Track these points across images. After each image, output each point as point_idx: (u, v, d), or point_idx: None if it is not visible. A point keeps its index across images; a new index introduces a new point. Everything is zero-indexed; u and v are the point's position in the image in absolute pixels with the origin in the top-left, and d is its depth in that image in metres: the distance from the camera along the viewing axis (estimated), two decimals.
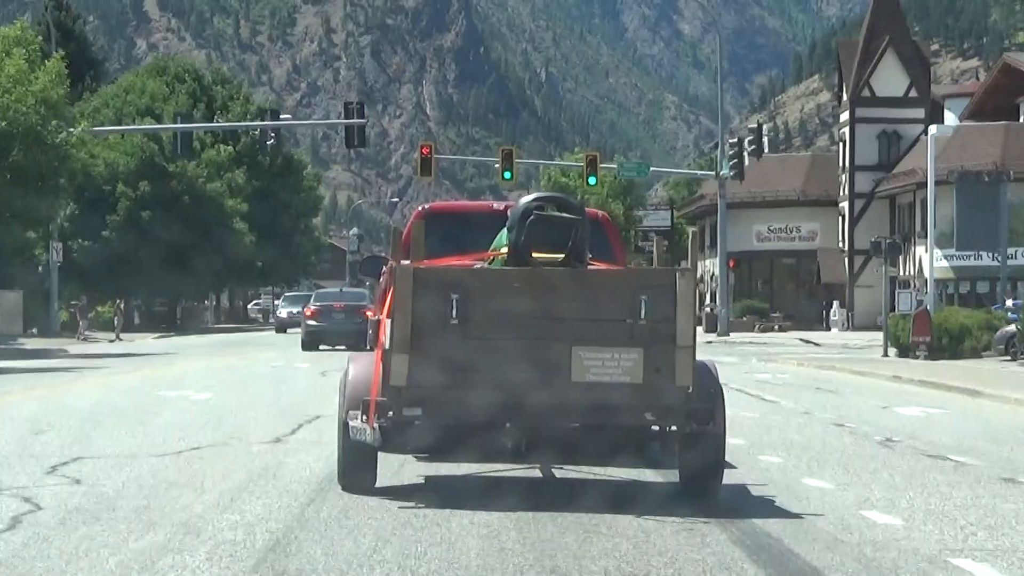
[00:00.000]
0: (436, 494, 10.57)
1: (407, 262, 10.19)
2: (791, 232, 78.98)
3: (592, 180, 64.48)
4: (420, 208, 12.99)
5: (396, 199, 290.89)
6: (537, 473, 11.88)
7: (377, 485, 10.61)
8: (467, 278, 9.99)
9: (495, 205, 12.76)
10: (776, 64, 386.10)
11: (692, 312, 9.88)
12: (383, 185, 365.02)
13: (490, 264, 10.58)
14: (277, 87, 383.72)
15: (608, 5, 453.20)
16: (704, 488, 10.44)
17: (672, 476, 11.09)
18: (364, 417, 9.96)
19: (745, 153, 62.10)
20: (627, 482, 11.59)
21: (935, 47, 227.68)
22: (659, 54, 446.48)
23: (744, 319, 72.93)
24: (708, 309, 75.32)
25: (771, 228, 79.14)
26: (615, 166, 68.86)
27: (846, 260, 74.74)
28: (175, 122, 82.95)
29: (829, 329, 73.10)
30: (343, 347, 42.63)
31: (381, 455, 10.73)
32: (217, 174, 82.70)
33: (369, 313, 20.81)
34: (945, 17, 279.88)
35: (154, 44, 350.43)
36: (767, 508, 10.53)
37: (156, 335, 70.57)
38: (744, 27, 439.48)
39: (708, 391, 10.21)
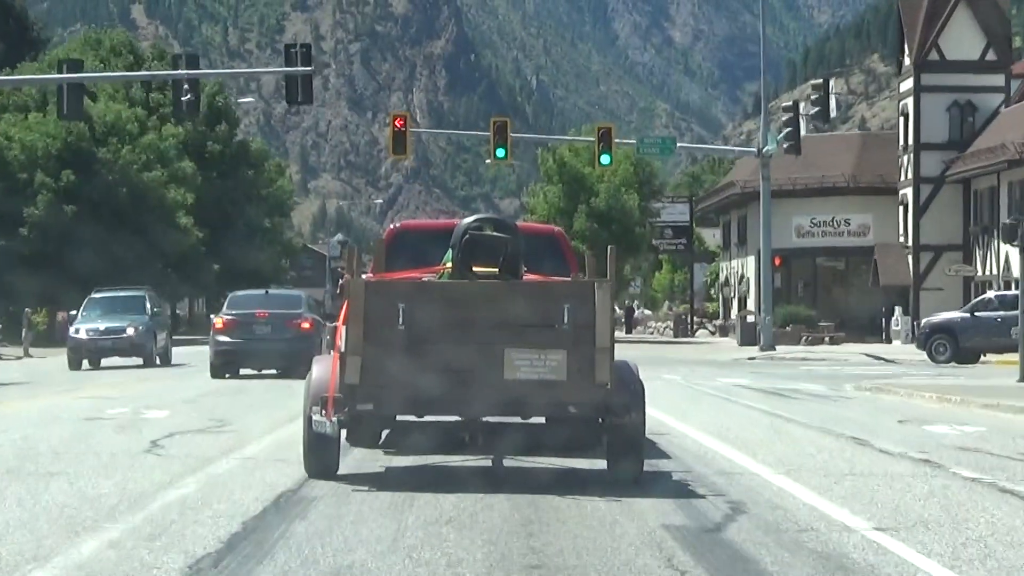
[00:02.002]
0: (394, 480, 11.69)
1: (368, 276, 11.82)
2: (838, 225, 64.47)
3: (605, 159, 50.20)
4: (392, 226, 14.54)
5: (379, 200, 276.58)
6: (489, 463, 12.63)
7: (340, 472, 11.57)
8: (412, 290, 11.10)
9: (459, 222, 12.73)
10: (768, 71, 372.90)
11: (610, 318, 10.79)
12: (373, 193, 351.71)
13: (440, 277, 11.57)
14: (266, 94, 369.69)
15: (599, 12, 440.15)
16: (626, 471, 11.36)
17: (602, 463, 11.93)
18: (324, 411, 10.90)
19: (802, 119, 47.67)
20: (565, 469, 12.44)
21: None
22: (650, 61, 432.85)
23: (787, 329, 58.43)
24: (743, 318, 60.83)
25: (814, 221, 64.60)
26: (633, 142, 54.24)
27: (910, 258, 60.07)
28: (108, 100, 69.02)
29: (889, 340, 58.60)
30: (275, 372, 29.94)
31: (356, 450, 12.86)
32: (159, 161, 68.20)
33: (306, 325, 23.16)
34: None
35: None
36: None
37: None
38: (736, 34, 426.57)
39: (628, 387, 11.17)
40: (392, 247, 12.93)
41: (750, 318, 61.01)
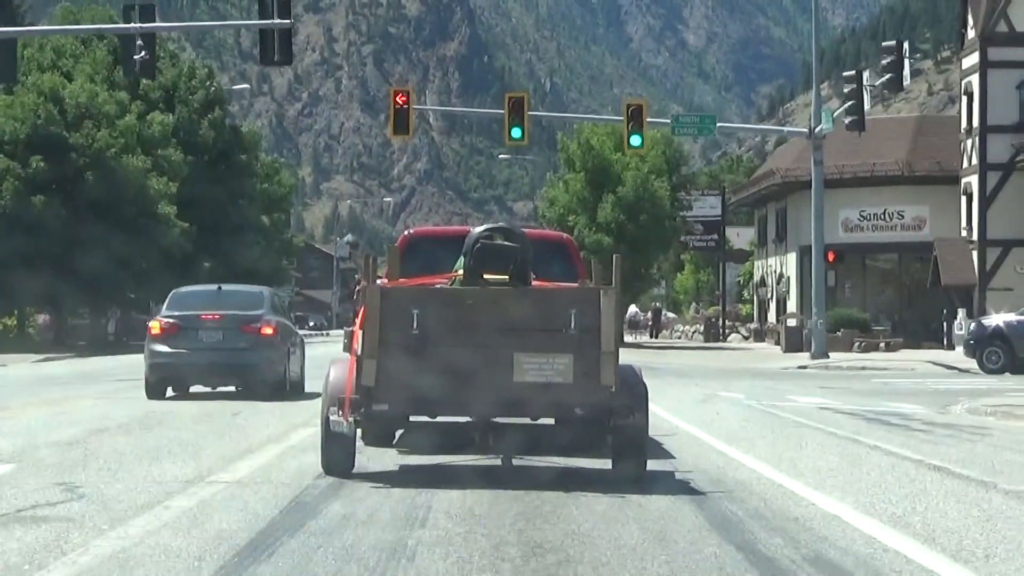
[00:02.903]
0: (407, 477, 11.76)
1: (383, 281, 11.64)
2: (891, 218, 57.09)
3: (636, 140, 43.06)
4: (404, 233, 14.41)
5: (390, 199, 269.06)
6: (498, 462, 12.62)
7: (355, 471, 11.59)
8: (426, 296, 11.32)
9: (471, 230, 12.61)
10: (782, 74, 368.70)
11: (615, 323, 10.95)
12: (386, 195, 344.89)
13: (452, 283, 11.72)
14: (278, 97, 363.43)
15: (613, 15, 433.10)
16: (630, 471, 11.40)
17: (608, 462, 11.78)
18: (341, 412, 11.08)
19: (867, 91, 40.38)
20: (572, 469, 12.39)
21: None
22: (664, 64, 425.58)
23: (838, 335, 51.07)
24: (786, 321, 53.54)
25: (864, 214, 57.23)
26: (668, 121, 46.80)
27: (974, 254, 52.56)
28: (87, 82, 61.93)
29: (951, 346, 51.19)
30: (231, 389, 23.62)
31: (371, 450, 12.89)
32: (143, 149, 61.10)
33: (268, 330, 20.57)
34: None
35: None
36: None
37: (40, 357, 49.20)
38: (749, 37, 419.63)
39: (632, 390, 11.28)
40: (406, 253, 13.09)
41: (791, 321, 53.69)
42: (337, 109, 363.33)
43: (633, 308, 74.64)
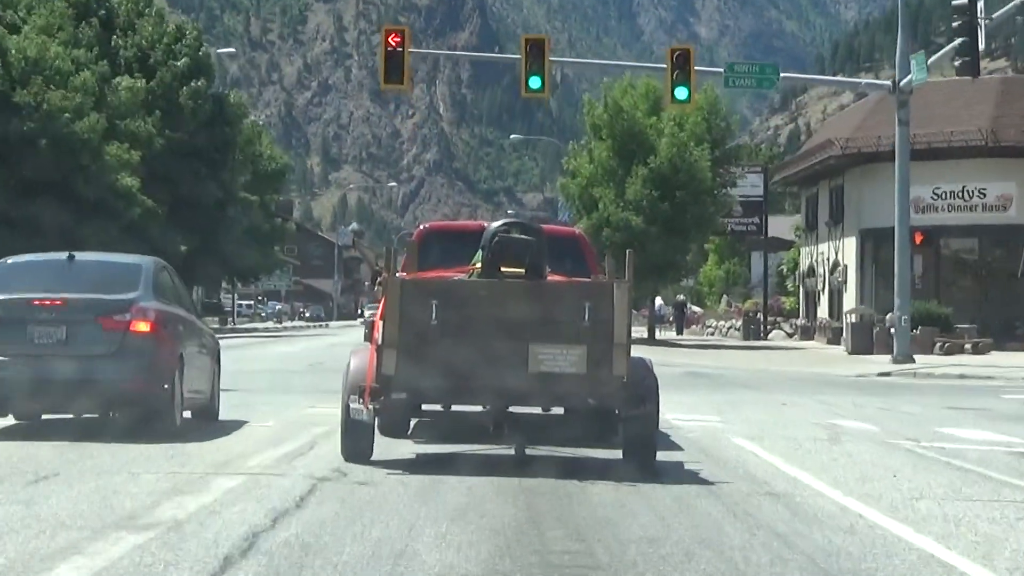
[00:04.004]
0: (424, 464, 11.74)
1: (401, 274, 11.79)
2: (970, 197, 47.60)
3: (682, 92, 34.24)
4: (420, 227, 14.27)
5: (393, 184, 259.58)
6: (511, 452, 12.33)
7: (374, 458, 11.53)
8: (445, 288, 11.32)
9: (485, 225, 12.90)
10: (794, 67, 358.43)
11: (627, 316, 10.92)
12: (395, 186, 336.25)
13: (470, 276, 11.72)
14: (288, 85, 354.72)
15: (624, 7, 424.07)
16: (641, 459, 11.40)
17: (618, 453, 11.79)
18: (361, 400, 11.07)
19: (981, 26, 31.02)
20: (583, 457, 12.38)
21: None
22: None
23: (915, 333, 41.70)
24: (851, 317, 44.11)
25: (938, 192, 47.70)
26: (721, 70, 37.37)
27: None
28: (37, 35, 52.80)
29: None
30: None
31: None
32: (109, 116, 52.14)
33: (143, 326, 13.64)
34: None
35: None
36: None
37: None
38: (762, 30, 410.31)
39: (643, 381, 11.24)
40: (423, 246, 12.97)
41: (852, 317, 44.46)
42: (347, 99, 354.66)
43: (659, 301, 65.07)
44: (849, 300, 50.25)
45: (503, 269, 11.33)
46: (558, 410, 12.62)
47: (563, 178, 53.39)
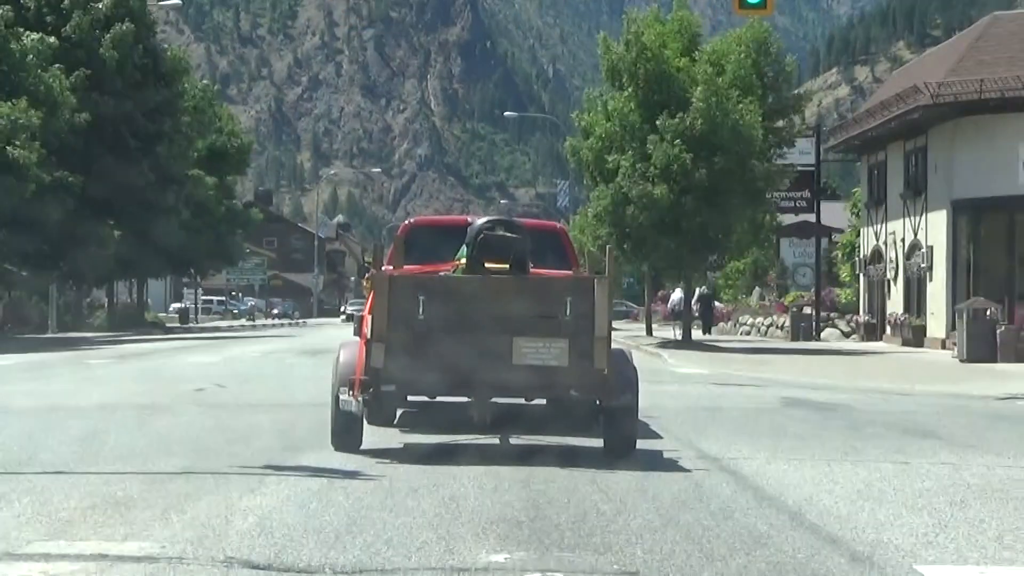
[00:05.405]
0: (411, 454, 11.73)
1: (387, 268, 12.15)
2: None
3: None
4: (405, 222, 14.55)
5: (378, 169, 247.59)
6: (496, 441, 12.56)
7: (363, 447, 11.64)
8: (431, 283, 11.42)
9: (468, 219, 13.07)
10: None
11: (607, 310, 10.94)
12: (385, 181, 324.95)
13: (454, 271, 11.86)
14: (278, 81, 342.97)
15: (616, 3, 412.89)
16: (621, 449, 11.47)
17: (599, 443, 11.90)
18: (350, 392, 11.20)
19: None
20: (566, 447, 12.31)
21: None
22: None
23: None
24: (965, 315, 32.06)
25: None
26: None
27: None
28: None
29: None
30: None
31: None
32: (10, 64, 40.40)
33: None
34: None
35: None
36: None
37: None
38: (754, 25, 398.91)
39: (623, 373, 11.36)
40: (408, 241, 13.30)
41: (966, 314, 32.54)
42: (337, 94, 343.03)
43: (678, 293, 52.62)
44: (936, 291, 38.56)
45: (487, 265, 11.49)
46: (540, 401, 12.57)
47: (572, 138, 41.11)
